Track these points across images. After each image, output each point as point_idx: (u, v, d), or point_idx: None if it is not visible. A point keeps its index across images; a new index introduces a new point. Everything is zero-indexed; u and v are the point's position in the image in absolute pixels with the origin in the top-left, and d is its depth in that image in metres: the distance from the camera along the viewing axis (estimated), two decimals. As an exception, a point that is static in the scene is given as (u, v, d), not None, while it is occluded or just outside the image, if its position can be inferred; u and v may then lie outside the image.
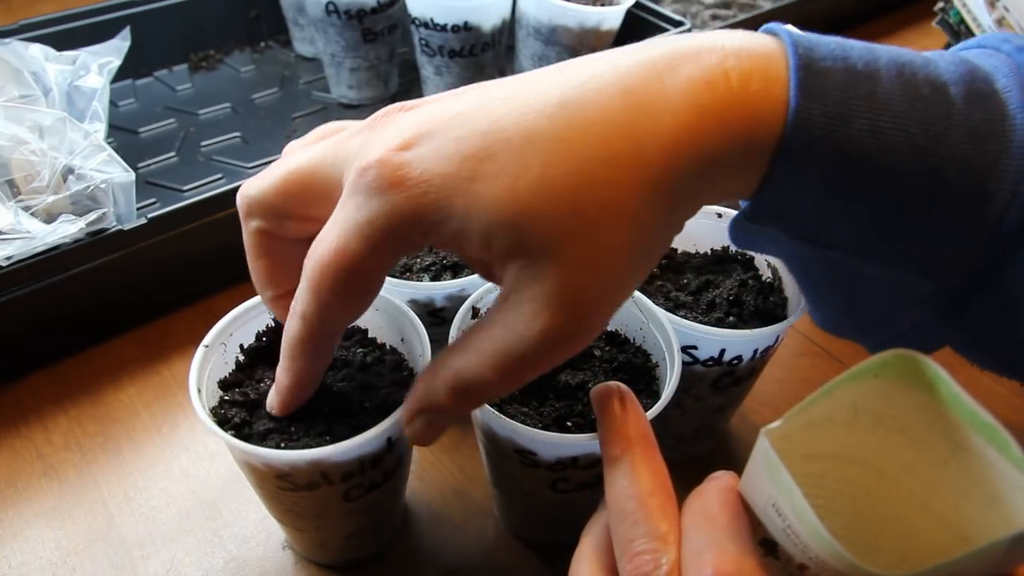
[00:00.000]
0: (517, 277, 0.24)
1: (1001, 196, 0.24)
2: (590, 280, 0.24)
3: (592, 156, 0.23)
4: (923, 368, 0.21)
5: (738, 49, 0.24)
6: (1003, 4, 0.59)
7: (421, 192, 0.24)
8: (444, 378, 0.26)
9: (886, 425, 0.22)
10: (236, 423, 0.34)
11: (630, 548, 0.25)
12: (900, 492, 0.23)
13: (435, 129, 0.24)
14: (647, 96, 0.24)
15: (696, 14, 0.84)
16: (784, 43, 0.24)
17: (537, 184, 0.23)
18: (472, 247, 0.24)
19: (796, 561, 0.22)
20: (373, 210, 0.24)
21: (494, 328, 0.25)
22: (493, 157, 0.23)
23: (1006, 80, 0.25)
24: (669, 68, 0.24)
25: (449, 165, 0.24)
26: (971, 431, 0.20)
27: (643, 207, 0.24)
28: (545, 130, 0.23)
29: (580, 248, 0.24)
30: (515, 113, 0.24)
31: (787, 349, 0.52)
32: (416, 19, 0.67)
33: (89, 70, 0.58)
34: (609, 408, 0.29)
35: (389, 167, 0.24)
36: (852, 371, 0.21)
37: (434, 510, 0.43)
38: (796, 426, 0.22)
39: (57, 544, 0.41)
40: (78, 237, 0.46)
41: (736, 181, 0.25)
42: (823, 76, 0.24)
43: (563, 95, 0.24)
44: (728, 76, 0.23)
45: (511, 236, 0.23)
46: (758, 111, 0.24)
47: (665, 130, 0.23)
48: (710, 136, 0.23)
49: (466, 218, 0.24)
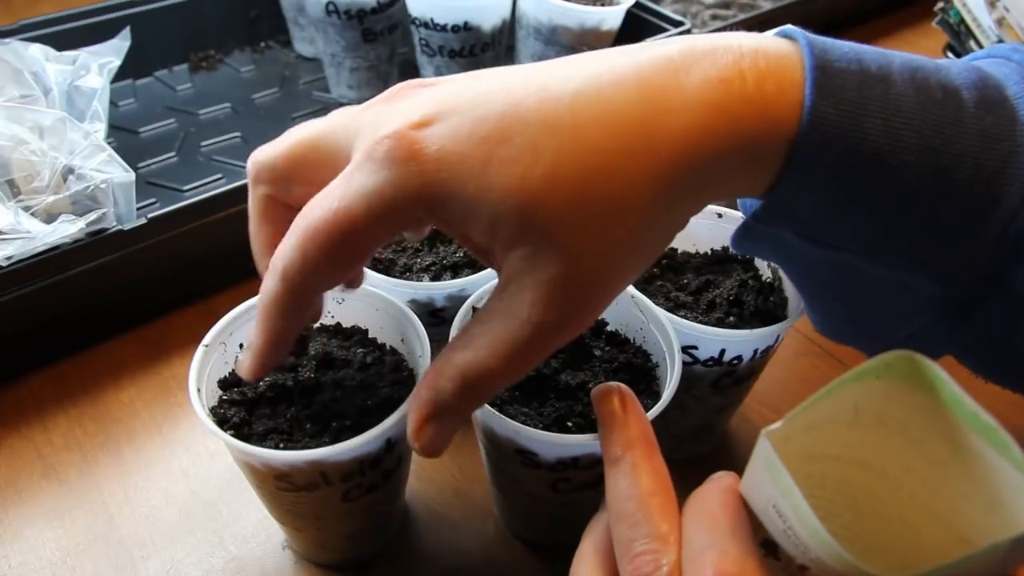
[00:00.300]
0: (519, 264, 0.24)
1: (1010, 199, 0.24)
2: (591, 270, 0.24)
3: (605, 148, 0.23)
4: (925, 369, 0.21)
5: (754, 50, 0.24)
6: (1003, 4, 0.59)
7: (434, 170, 0.24)
8: (449, 376, 0.26)
9: (887, 426, 0.22)
10: (235, 423, 0.34)
11: (630, 549, 0.25)
12: (901, 493, 0.23)
13: (453, 108, 0.24)
14: (663, 92, 0.24)
15: (696, 14, 0.84)
16: (800, 45, 0.25)
17: (549, 173, 0.23)
18: (477, 230, 0.25)
19: (797, 562, 0.22)
20: (383, 179, 0.24)
21: (494, 317, 0.25)
22: (509, 140, 0.24)
23: (1016, 88, 0.25)
24: (686, 66, 0.24)
25: (464, 146, 0.24)
26: (972, 432, 0.20)
27: (650, 201, 0.24)
28: (562, 118, 0.24)
29: (584, 238, 0.24)
30: (533, 98, 0.24)
31: (787, 349, 0.52)
32: (416, 19, 0.67)
33: (89, 70, 0.57)
34: (610, 408, 0.29)
35: (405, 141, 0.24)
36: (854, 372, 0.21)
37: (434, 510, 0.43)
38: (797, 427, 0.22)
39: (57, 544, 0.41)
40: (78, 237, 0.46)
41: (745, 179, 0.25)
42: (837, 77, 0.24)
43: (581, 85, 0.24)
44: (744, 76, 0.24)
45: (518, 223, 0.24)
46: (772, 111, 0.24)
47: (679, 126, 0.23)
48: (723, 134, 0.24)
49: (475, 201, 0.24)
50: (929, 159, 0.24)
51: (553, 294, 0.24)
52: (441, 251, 0.44)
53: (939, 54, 0.70)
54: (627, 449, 0.27)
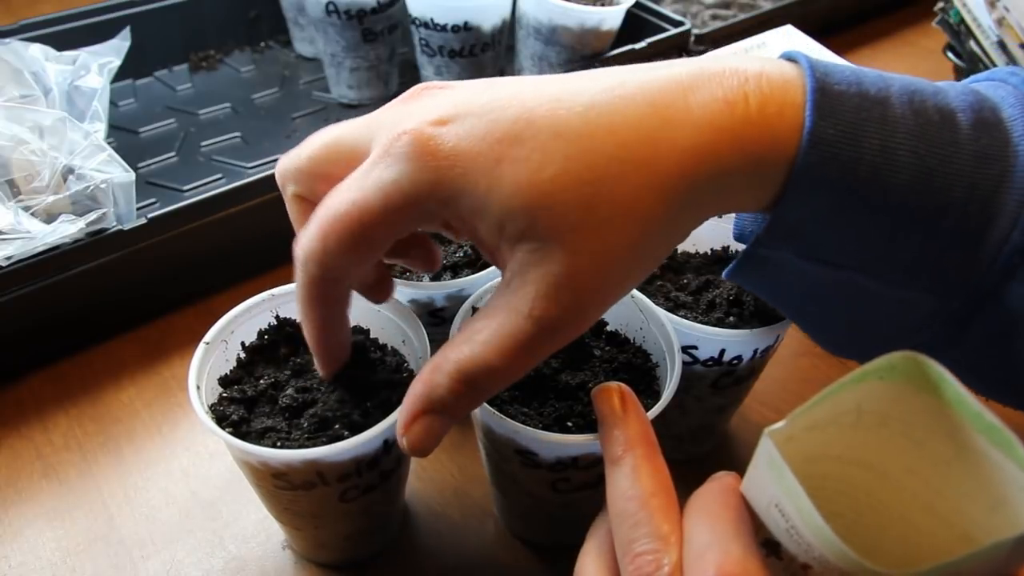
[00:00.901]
0: (524, 260, 0.25)
1: (1004, 218, 0.25)
2: (594, 270, 0.25)
3: (613, 156, 0.24)
4: (928, 370, 0.21)
5: (759, 74, 0.25)
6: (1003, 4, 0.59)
7: (449, 165, 0.25)
8: (447, 372, 0.27)
9: (890, 427, 0.22)
10: (234, 420, 0.34)
11: (631, 549, 0.25)
12: (903, 494, 0.23)
13: (469, 111, 0.26)
14: (671, 110, 0.25)
15: (696, 14, 0.84)
16: (802, 68, 0.26)
17: (558, 175, 0.24)
18: (485, 225, 0.25)
19: (799, 561, 0.22)
20: (399, 173, 0.25)
21: (495, 313, 0.26)
22: (521, 143, 0.25)
23: (1012, 110, 0.26)
24: (693, 87, 0.25)
25: (479, 145, 0.25)
26: (976, 432, 0.20)
27: (653, 210, 0.25)
28: (573, 125, 0.25)
29: (589, 240, 0.25)
30: (546, 106, 0.25)
31: (787, 349, 0.52)
32: (416, 19, 0.67)
33: (89, 70, 0.58)
34: (610, 408, 0.29)
35: (423, 137, 0.25)
36: (857, 373, 0.21)
37: (434, 510, 0.43)
38: (799, 427, 0.22)
39: (57, 544, 0.41)
40: (78, 237, 0.46)
41: (747, 195, 0.26)
42: (837, 99, 0.25)
43: (593, 97, 0.25)
44: (747, 98, 0.25)
45: (525, 220, 0.25)
46: (774, 131, 0.25)
47: (684, 142, 0.25)
48: (726, 153, 0.25)
49: (486, 197, 0.25)
50: (925, 178, 0.25)
51: (556, 290, 0.25)
52: (441, 251, 0.44)
53: (939, 54, 0.70)
54: (628, 449, 0.27)
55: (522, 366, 0.26)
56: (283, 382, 0.36)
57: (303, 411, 0.34)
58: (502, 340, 0.26)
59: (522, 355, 0.26)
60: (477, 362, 0.26)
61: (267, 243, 0.49)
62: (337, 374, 0.36)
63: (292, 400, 0.34)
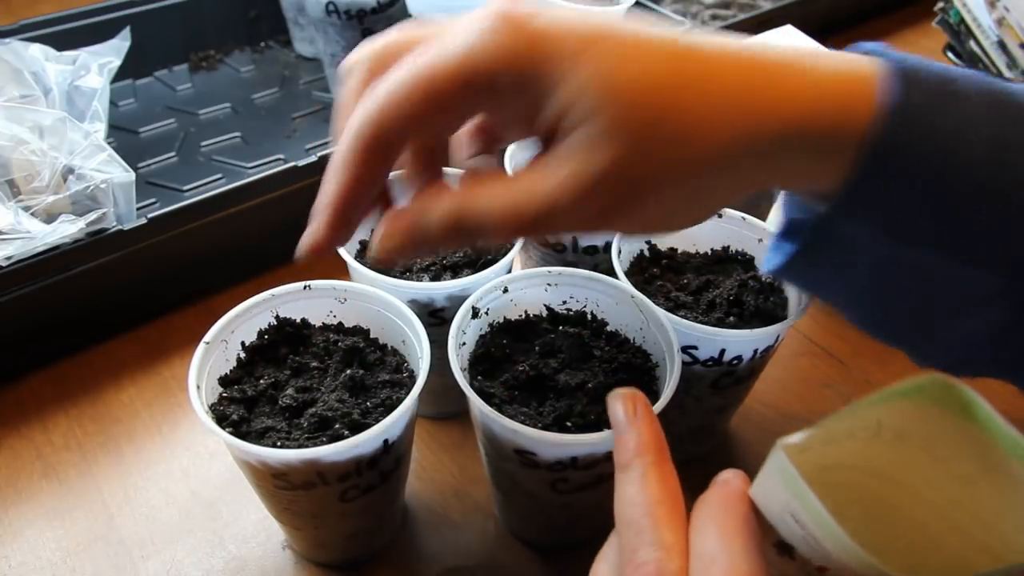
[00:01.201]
0: (578, 138, 0.25)
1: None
2: (635, 177, 0.25)
3: (700, 89, 0.25)
4: (959, 393, 0.21)
5: (846, 57, 0.26)
6: (1003, 4, 0.59)
7: (538, 38, 0.25)
8: (443, 209, 0.26)
9: (908, 442, 0.22)
10: (234, 420, 0.34)
11: (634, 558, 0.24)
12: (918, 500, 0.23)
13: (558, 13, 0.26)
14: (766, 71, 0.25)
15: (696, 14, 0.84)
16: (878, 53, 0.27)
17: (639, 74, 0.24)
18: (553, 106, 0.25)
19: (814, 564, 0.22)
20: (489, 36, 0.25)
21: (524, 173, 0.26)
22: (604, 41, 0.25)
23: None
24: (788, 59, 0.26)
25: (567, 33, 0.25)
26: (1009, 456, 0.20)
27: (719, 145, 0.25)
28: (666, 42, 0.25)
29: (645, 149, 0.25)
30: (632, 30, 0.26)
31: (787, 349, 0.52)
32: (416, 19, 0.67)
33: (89, 70, 0.58)
34: (622, 414, 0.29)
35: (513, 12, 0.25)
36: (882, 393, 0.21)
37: (434, 510, 0.43)
38: (816, 442, 0.22)
39: (57, 544, 0.41)
40: (78, 237, 0.46)
41: (815, 167, 0.26)
42: (916, 75, 0.25)
43: (684, 37, 0.26)
44: (838, 77, 0.25)
45: (594, 104, 0.24)
46: (855, 106, 0.25)
47: (772, 98, 0.25)
48: (807, 119, 0.25)
49: (563, 78, 0.25)
50: (1000, 152, 0.25)
51: (592, 176, 0.25)
52: (441, 251, 0.44)
53: (939, 54, 0.70)
54: (636, 456, 0.27)
55: (526, 224, 0.26)
56: (283, 382, 0.36)
57: (303, 411, 0.34)
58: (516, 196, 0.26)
59: (538, 212, 0.25)
60: (491, 207, 0.26)
61: (267, 243, 0.49)
62: (336, 376, 0.36)
63: (292, 400, 0.34)
